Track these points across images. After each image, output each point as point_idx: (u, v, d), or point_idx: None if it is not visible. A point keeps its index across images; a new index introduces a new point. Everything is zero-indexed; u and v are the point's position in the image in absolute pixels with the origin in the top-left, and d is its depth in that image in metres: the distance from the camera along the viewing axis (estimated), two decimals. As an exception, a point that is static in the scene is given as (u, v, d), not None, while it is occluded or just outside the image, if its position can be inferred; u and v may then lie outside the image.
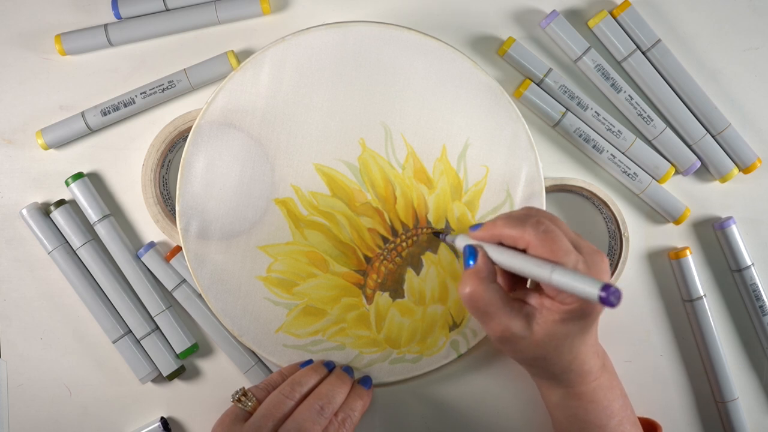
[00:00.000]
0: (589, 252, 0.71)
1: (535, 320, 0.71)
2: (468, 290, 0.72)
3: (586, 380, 0.76)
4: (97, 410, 0.92)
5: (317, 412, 0.77)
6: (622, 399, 0.80)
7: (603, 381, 0.77)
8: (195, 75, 0.89)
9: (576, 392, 0.77)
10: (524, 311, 0.72)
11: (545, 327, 0.71)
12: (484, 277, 0.72)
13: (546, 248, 0.68)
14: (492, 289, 0.72)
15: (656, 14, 0.92)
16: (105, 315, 0.89)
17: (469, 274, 0.73)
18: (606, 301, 0.58)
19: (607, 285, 0.59)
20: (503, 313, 0.72)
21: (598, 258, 0.71)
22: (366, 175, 0.84)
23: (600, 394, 0.77)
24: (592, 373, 0.76)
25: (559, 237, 0.69)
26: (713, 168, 0.92)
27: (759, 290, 0.91)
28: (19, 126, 0.91)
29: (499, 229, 0.72)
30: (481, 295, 0.72)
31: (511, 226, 0.71)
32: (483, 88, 0.84)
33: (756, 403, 0.94)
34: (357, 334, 0.86)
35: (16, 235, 0.91)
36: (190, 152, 0.83)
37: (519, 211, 0.74)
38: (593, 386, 0.77)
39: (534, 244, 0.69)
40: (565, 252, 0.68)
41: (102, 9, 0.91)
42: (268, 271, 0.84)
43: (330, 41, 0.82)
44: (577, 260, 0.68)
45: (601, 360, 0.78)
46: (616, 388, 0.79)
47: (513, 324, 0.71)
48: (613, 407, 0.78)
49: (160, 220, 0.87)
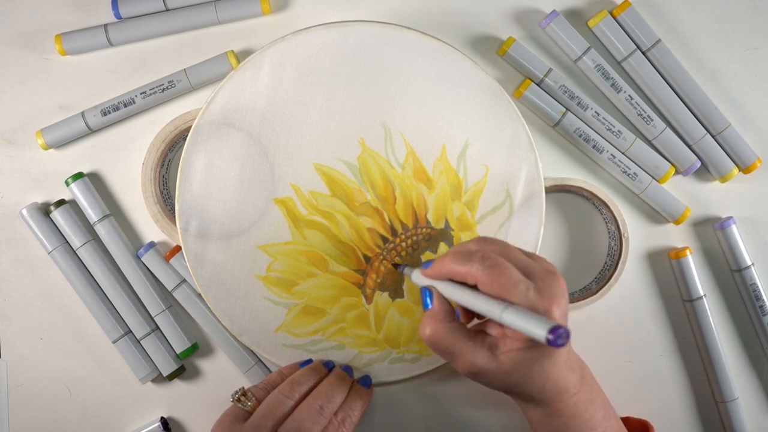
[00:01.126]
0: (542, 276, 0.69)
1: (499, 350, 0.71)
2: (428, 333, 0.73)
3: (563, 398, 0.75)
4: (97, 410, 0.92)
5: (317, 411, 0.77)
6: (604, 409, 0.78)
7: (582, 395, 0.76)
8: (195, 75, 0.89)
9: (555, 410, 0.76)
10: (487, 343, 0.71)
11: (510, 356, 0.70)
12: (441, 319, 0.73)
13: (494, 283, 0.67)
14: (450, 328, 0.72)
15: (656, 14, 0.92)
16: (105, 315, 0.89)
17: (427, 317, 0.73)
18: (554, 343, 0.58)
19: (555, 327, 0.58)
20: (467, 350, 0.71)
21: (550, 282, 0.69)
22: (365, 175, 0.84)
23: (581, 408, 0.76)
24: (569, 389, 0.75)
25: (506, 270, 0.68)
26: (713, 168, 0.92)
27: (759, 290, 0.91)
28: (19, 126, 0.91)
29: (447, 267, 0.72)
30: (440, 337, 0.72)
31: (458, 263, 0.70)
32: (483, 88, 0.84)
33: (756, 403, 0.94)
34: (356, 333, 0.86)
35: (16, 235, 0.91)
36: (189, 152, 0.83)
37: (467, 244, 0.74)
38: (573, 401, 0.75)
39: (482, 280, 0.68)
40: (514, 284, 0.67)
41: (102, 9, 0.91)
42: (267, 270, 0.84)
43: (330, 41, 0.82)
44: (527, 289, 0.67)
45: (579, 373, 0.76)
46: (597, 399, 0.78)
47: (478, 358, 0.71)
48: (595, 419, 0.77)
49: (160, 219, 0.87)
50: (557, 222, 0.92)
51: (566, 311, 0.70)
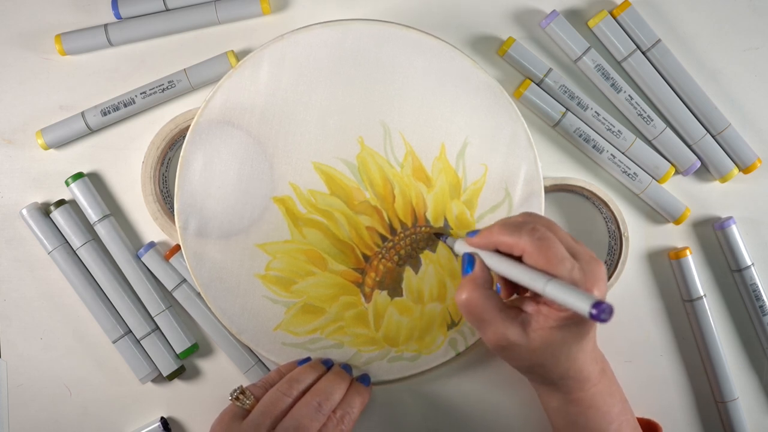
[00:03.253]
0: (587, 259, 0.70)
1: (531, 327, 0.71)
2: (464, 297, 0.73)
3: (584, 386, 0.75)
4: (97, 410, 0.92)
5: (315, 408, 0.77)
6: (621, 404, 0.79)
7: (602, 387, 0.77)
8: (195, 75, 0.89)
9: (575, 398, 0.77)
10: (520, 318, 0.72)
11: (541, 334, 0.71)
12: (480, 285, 0.73)
13: (541, 256, 0.68)
14: (488, 296, 0.72)
15: (656, 14, 0.92)
16: (105, 315, 0.89)
17: (466, 282, 0.73)
18: (597, 318, 0.58)
19: (599, 302, 0.59)
20: (499, 321, 0.71)
21: (594, 266, 0.70)
22: (365, 174, 0.84)
23: (599, 400, 0.77)
24: (591, 379, 0.75)
25: (555, 244, 0.69)
26: (713, 168, 0.92)
27: (759, 290, 0.91)
28: (19, 126, 0.91)
29: (495, 236, 0.72)
30: (476, 303, 0.72)
31: (506, 233, 0.71)
32: (482, 87, 0.84)
33: (756, 403, 0.94)
34: (355, 332, 0.86)
35: (16, 235, 0.91)
36: (188, 150, 0.83)
37: (516, 217, 0.74)
38: (592, 392, 0.76)
39: (529, 252, 0.69)
40: (560, 260, 0.67)
41: (102, 9, 0.91)
42: (266, 269, 0.84)
43: (329, 39, 0.83)
44: (572, 267, 0.68)
45: (600, 365, 0.77)
46: (616, 393, 0.79)
47: (509, 331, 0.71)
48: (612, 413, 0.77)
49: (159, 217, 0.87)
50: (557, 221, 0.92)
51: (605, 296, 0.70)
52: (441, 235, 0.84)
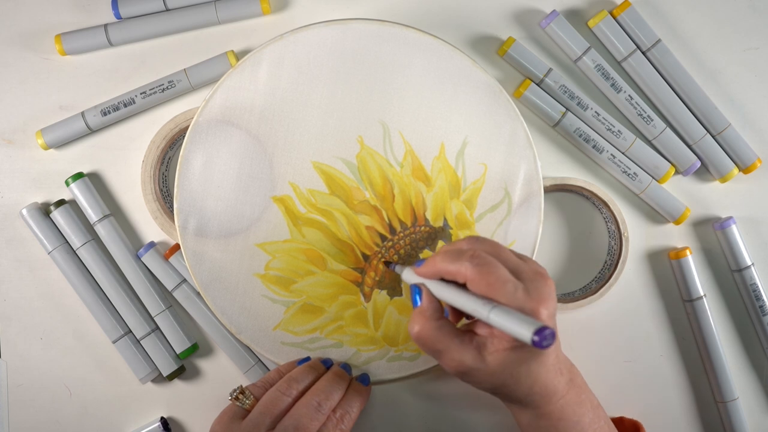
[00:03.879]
0: (531, 278, 0.70)
1: (487, 350, 0.71)
2: (416, 330, 0.73)
3: (551, 400, 0.75)
4: (97, 410, 0.92)
5: (315, 408, 0.77)
6: (593, 411, 0.78)
7: (570, 397, 0.76)
8: (195, 75, 0.89)
9: (543, 412, 0.76)
10: (475, 342, 0.72)
11: (497, 356, 0.70)
12: (429, 316, 0.73)
13: (483, 282, 0.68)
14: (438, 326, 0.72)
15: (656, 14, 0.92)
16: (105, 315, 0.89)
17: (415, 314, 0.74)
18: (539, 345, 0.59)
19: (540, 328, 0.59)
20: (454, 348, 0.71)
21: (539, 283, 0.69)
22: (364, 173, 0.84)
23: (569, 411, 0.76)
24: (558, 391, 0.74)
25: (496, 269, 0.69)
26: (713, 168, 0.92)
27: (759, 290, 0.91)
28: (19, 126, 0.91)
29: (438, 266, 0.72)
30: (428, 334, 0.72)
31: (448, 262, 0.71)
32: (481, 86, 0.84)
33: (756, 403, 0.94)
34: (355, 331, 0.86)
35: (16, 235, 0.91)
36: (188, 149, 0.83)
37: (459, 242, 0.74)
38: (561, 404, 0.75)
39: (471, 279, 0.69)
40: (503, 283, 0.68)
41: (102, 9, 0.91)
42: (266, 268, 0.84)
43: (328, 39, 0.83)
44: (515, 290, 0.67)
45: (567, 376, 0.76)
46: (585, 402, 0.78)
47: (465, 357, 0.71)
48: (583, 422, 0.77)
49: (159, 216, 0.87)
50: (557, 221, 0.92)
51: (554, 313, 0.70)
52: (390, 264, 0.84)
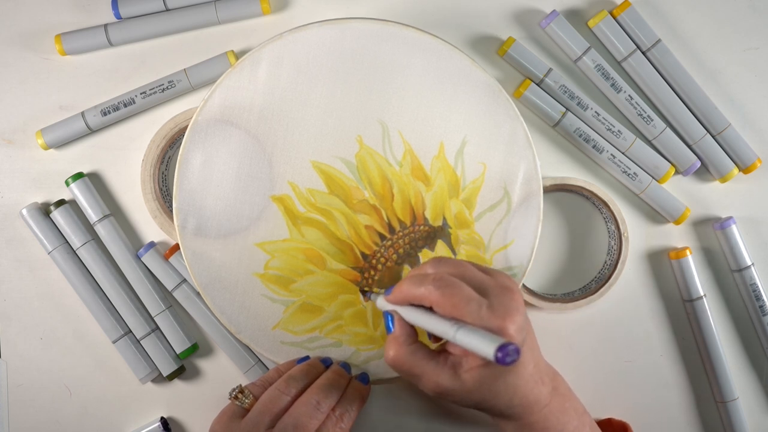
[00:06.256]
0: (496, 293, 0.70)
1: (462, 369, 0.71)
2: (391, 356, 0.74)
3: (534, 410, 0.75)
4: (97, 410, 0.92)
5: (314, 406, 0.76)
6: (578, 419, 0.78)
7: (554, 405, 0.76)
8: (195, 75, 0.89)
9: (527, 423, 0.76)
10: (450, 362, 0.72)
11: (473, 374, 0.71)
12: (402, 342, 0.74)
13: (447, 303, 0.69)
14: (413, 351, 0.74)
15: (656, 14, 0.92)
16: (105, 315, 0.89)
17: (389, 341, 0.75)
18: (502, 362, 0.59)
19: (503, 345, 0.59)
20: (429, 370, 0.72)
21: (505, 297, 0.70)
22: (363, 173, 0.84)
23: (552, 420, 0.76)
24: (540, 401, 0.75)
25: (460, 289, 0.69)
26: (713, 168, 0.92)
27: (759, 290, 0.91)
28: (19, 126, 0.91)
29: (405, 292, 0.73)
30: (403, 360, 0.74)
31: (414, 287, 0.72)
32: (481, 86, 0.84)
33: (756, 403, 0.94)
34: (354, 331, 0.86)
35: (16, 235, 0.91)
36: (187, 149, 0.83)
37: (423, 266, 0.75)
38: (544, 413, 0.75)
39: (436, 302, 0.70)
40: (467, 302, 0.68)
41: (102, 9, 0.91)
42: (265, 268, 0.84)
43: (327, 38, 0.83)
44: (479, 307, 0.68)
45: (550, 384, 0.76)
46: (570, 409, 0.78)
47: (441, 379, 0.72)
48: (568, 430, 0.77)
49: (159, 216, 0.87)
50: (557, 221, 0.92)
51: (522, 326, 0.70)
52: (366, 293, 0.85)
